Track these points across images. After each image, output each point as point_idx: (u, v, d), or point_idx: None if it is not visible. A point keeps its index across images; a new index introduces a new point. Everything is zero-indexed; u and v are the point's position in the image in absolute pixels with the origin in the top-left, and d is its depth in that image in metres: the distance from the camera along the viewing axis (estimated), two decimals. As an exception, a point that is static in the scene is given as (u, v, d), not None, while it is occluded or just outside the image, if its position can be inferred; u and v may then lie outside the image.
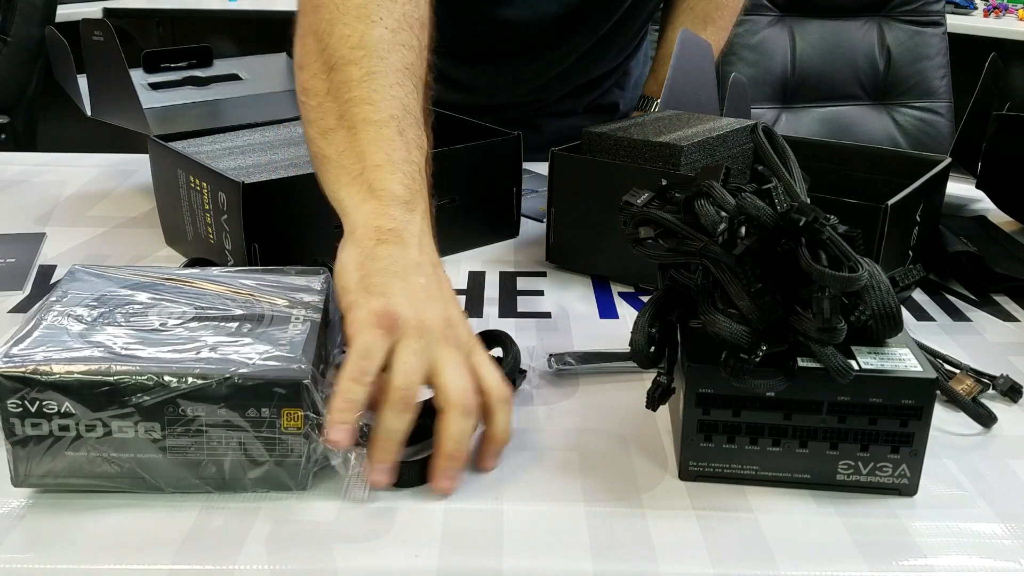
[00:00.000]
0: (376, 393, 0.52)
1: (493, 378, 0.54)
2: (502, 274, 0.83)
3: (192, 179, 0.79)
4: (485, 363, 0.55)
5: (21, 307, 0.75)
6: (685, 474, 0.54)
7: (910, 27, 1.93)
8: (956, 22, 2.28)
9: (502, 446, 0.55)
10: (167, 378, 0.48)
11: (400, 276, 0.55)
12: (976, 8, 2.68)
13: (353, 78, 0.63)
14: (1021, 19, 2.59)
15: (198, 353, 0.50)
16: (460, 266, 0.84)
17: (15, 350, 0.49)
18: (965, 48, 2.12)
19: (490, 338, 0.63)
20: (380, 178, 0.59)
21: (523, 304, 0.77)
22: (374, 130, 0.61)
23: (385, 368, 0.52)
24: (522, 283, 0.81)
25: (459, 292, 0.79)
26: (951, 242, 0.83)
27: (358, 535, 0.49)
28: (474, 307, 0.76)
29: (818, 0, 1.95)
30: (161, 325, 0.53)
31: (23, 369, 0.48)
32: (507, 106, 1.15)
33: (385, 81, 0.64)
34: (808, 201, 0.53)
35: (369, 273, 0.55)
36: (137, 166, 1.10)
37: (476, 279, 0.82)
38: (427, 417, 0.53)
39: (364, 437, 0.51)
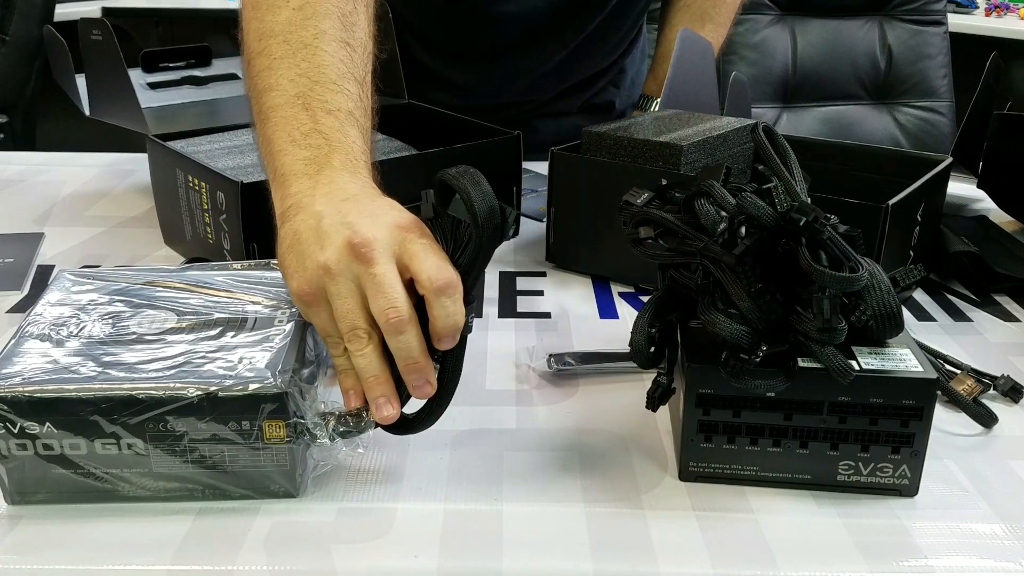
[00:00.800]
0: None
1: (425, 268, 0.51)
2: (502, 274, 0.83)
3: (191, 179, 0.79)
4: (416, 254, 0.51)
5: (20, 307, 0.74)
6: (685, 474, 0.53)
7: (911, 26, 1.93)
8: (957, 21, 2.28)
9: (449, 335, 0.51)
10: (148, 395, 0.48)
11: (300, 242, 0.53)
12: (977, 7, 2.68)
13: (262, 68, 0.63)
14: (1022, 18, 2.58)
15: (181, 366, 0.50)
16: (460, 266, 0.84)
17: None
18: (966, 47, 2.12)
19: (443, 188, 0.54)
20: (283, 162, 0.59)
21: (523, 304, 0.77)
22: (279, 114, 0.61)
23: None
24: (522, 283, 0.81)
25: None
26: (952, 242, 0.83)
27: (358, 535, 0.49)
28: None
29: (819, -1, 1.95)
30: (143, 335, 0.53)
31: (4, 391, 0.47)
32: (501, 107, 1.14)
33: (289, 62, 0.63)
34: (808, 201, 0.53)
35: (281, 258, 0.54)
36: (135, 166, 1.10)
37: (476, 279, 0.82)
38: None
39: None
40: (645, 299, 0.74)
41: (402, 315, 0.50)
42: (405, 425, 0.53)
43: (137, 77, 1.04)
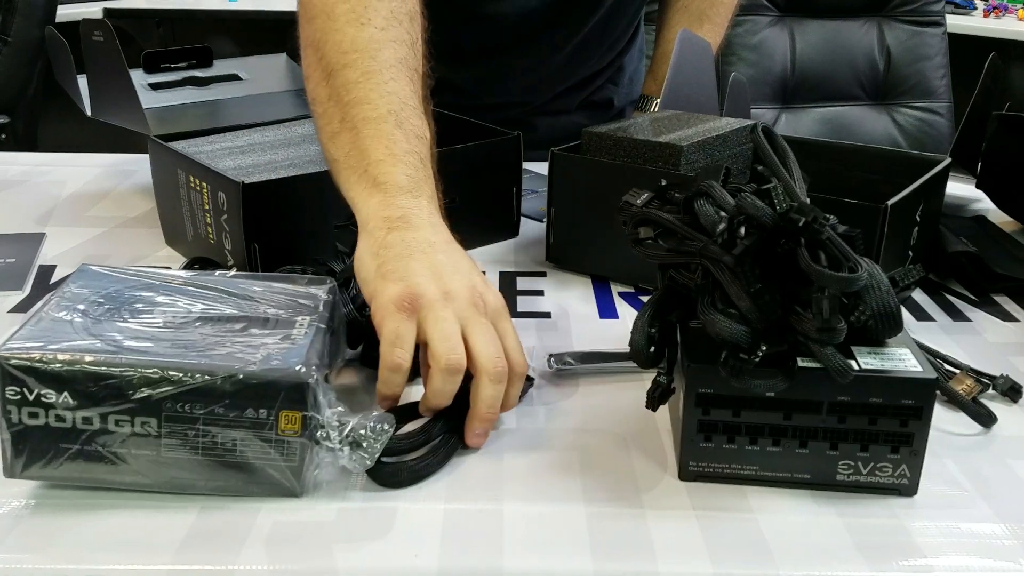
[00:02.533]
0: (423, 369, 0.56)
1: (515, 349, 0.57)
2: (502, 274, 0.83)
3: (192, 179, 0.79)
4: (510, 332, 0.57)
5: (21, 307, 0.75)
6: (685, 474, 0.53)
7: (910, 27, 1.93)
8: (956, 22, 2.28)
9: (506, 410, 0.57)
10: (171, 373, 0.48)
11: (415, 257, 0.57)
12: (976, 8, 2.68)
13: (350, 80, 0.66)
14: (1021, 19, 2.59)
15: (204, 350, 0.50)
16: (460, 266, 0.84)
17: (19, 338, 0.49)
18: (965, 48, 2.12)
19: None
20: (383, 172, 0.62)
21: (523, 304, 0.77)
22: (373, 127, 0.64)
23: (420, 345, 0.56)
24: (522, 283, 0.81)
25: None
26: (951, 242, 0.83)
27: (358, 535, 0.49)
28: (474, 307, 0.76)
29: (818, 0, 1.95)
30: (166, 324, 0.53)
31: (26, 357, 0.48)
32: (500, 106, 1.15)
33: (380, 79, 0.66)
34: (808, 201, 0.53)
35: (384, 261, 0.57)
36: (137, 166, 1.10)
37: (476, 279, 0.82)
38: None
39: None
40: (645, 299, 0.74)
41: (505, 368, 0.55)
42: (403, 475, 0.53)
43: (138, 78, 1.04)
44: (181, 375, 0.48)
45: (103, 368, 0.48)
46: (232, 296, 0.57)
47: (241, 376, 0.48)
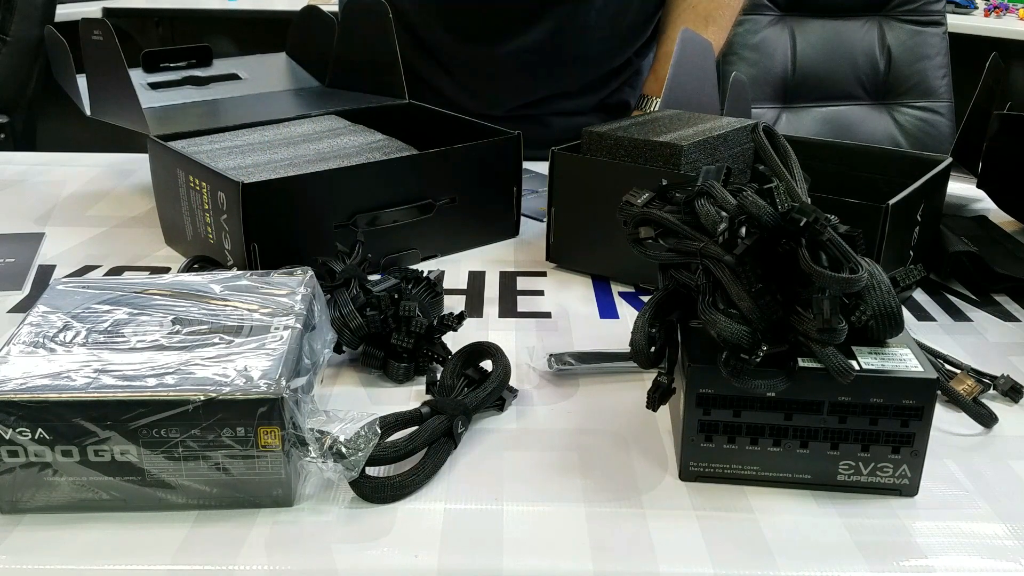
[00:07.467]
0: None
1: None
2: (502, 274, 0.83)
3: (191, 179, 0.79)
4: None
5: (20, 307, 0.75)
6: (685, 474, 0.53)
7: (910, 27, 1.93)
8: (957, 22, 2.28)
9: None
10: (143, 400, 0.47)
11: None
12: (976, 8, 2.68)
13: None
14: (1021, 19, 2.59)
15: (176, 372, 0.49)
16: (460, 266, 0.84)
17: None
18: (966, 48, 2.12)
19: (479, 351, 0.62)
20: None
21: (523, 304, 0.77)
22: None
23: None
24: (522, 283, 0.81)
25: (459, 292, 0.79)
26: (952, 242, 0.83)
27: (358, 535, 0.49)
28: (474, 307, 0.76)
29: (819, 0, 1.95)
30: (137, 343, 0.52)
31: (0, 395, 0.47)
32: (517, 106, 1.15)
33: None
34: (809, 201, 0.53)
35: None
36: (136, 166, 1.10)
37: (476, 279, 0.82)
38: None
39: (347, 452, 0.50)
40: (645, 299, 0.74)
41: None
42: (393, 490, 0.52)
43: (138, 77, 1.04)
44: (153, 401, 0.47)
45: (73, 400, 0.47)
46: (205, 301, 0.57)
47: (215, 399, 0.47)
